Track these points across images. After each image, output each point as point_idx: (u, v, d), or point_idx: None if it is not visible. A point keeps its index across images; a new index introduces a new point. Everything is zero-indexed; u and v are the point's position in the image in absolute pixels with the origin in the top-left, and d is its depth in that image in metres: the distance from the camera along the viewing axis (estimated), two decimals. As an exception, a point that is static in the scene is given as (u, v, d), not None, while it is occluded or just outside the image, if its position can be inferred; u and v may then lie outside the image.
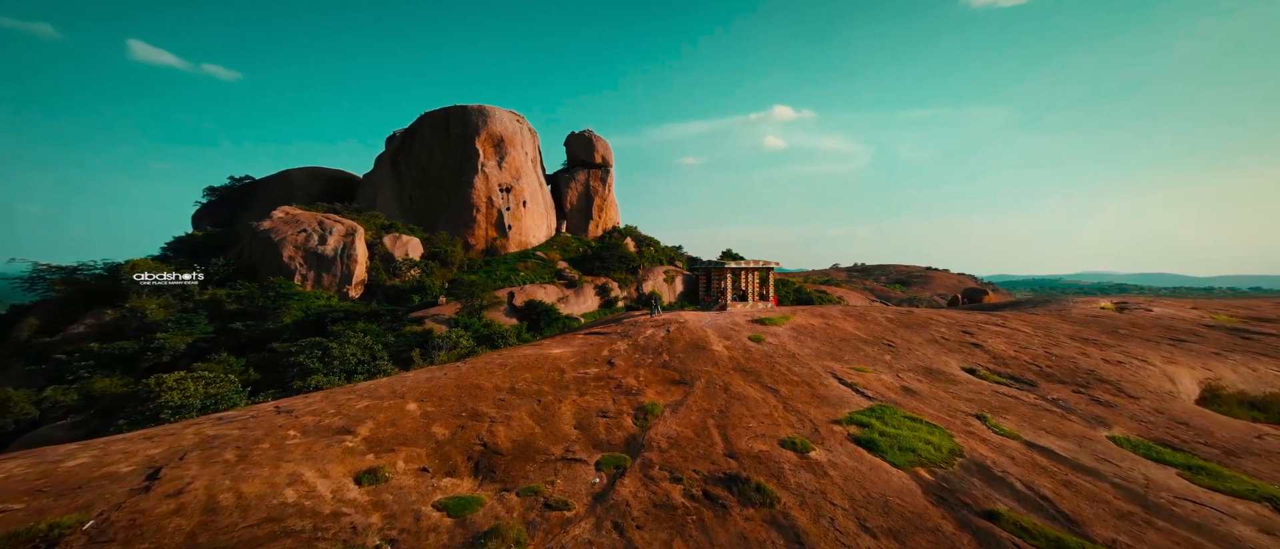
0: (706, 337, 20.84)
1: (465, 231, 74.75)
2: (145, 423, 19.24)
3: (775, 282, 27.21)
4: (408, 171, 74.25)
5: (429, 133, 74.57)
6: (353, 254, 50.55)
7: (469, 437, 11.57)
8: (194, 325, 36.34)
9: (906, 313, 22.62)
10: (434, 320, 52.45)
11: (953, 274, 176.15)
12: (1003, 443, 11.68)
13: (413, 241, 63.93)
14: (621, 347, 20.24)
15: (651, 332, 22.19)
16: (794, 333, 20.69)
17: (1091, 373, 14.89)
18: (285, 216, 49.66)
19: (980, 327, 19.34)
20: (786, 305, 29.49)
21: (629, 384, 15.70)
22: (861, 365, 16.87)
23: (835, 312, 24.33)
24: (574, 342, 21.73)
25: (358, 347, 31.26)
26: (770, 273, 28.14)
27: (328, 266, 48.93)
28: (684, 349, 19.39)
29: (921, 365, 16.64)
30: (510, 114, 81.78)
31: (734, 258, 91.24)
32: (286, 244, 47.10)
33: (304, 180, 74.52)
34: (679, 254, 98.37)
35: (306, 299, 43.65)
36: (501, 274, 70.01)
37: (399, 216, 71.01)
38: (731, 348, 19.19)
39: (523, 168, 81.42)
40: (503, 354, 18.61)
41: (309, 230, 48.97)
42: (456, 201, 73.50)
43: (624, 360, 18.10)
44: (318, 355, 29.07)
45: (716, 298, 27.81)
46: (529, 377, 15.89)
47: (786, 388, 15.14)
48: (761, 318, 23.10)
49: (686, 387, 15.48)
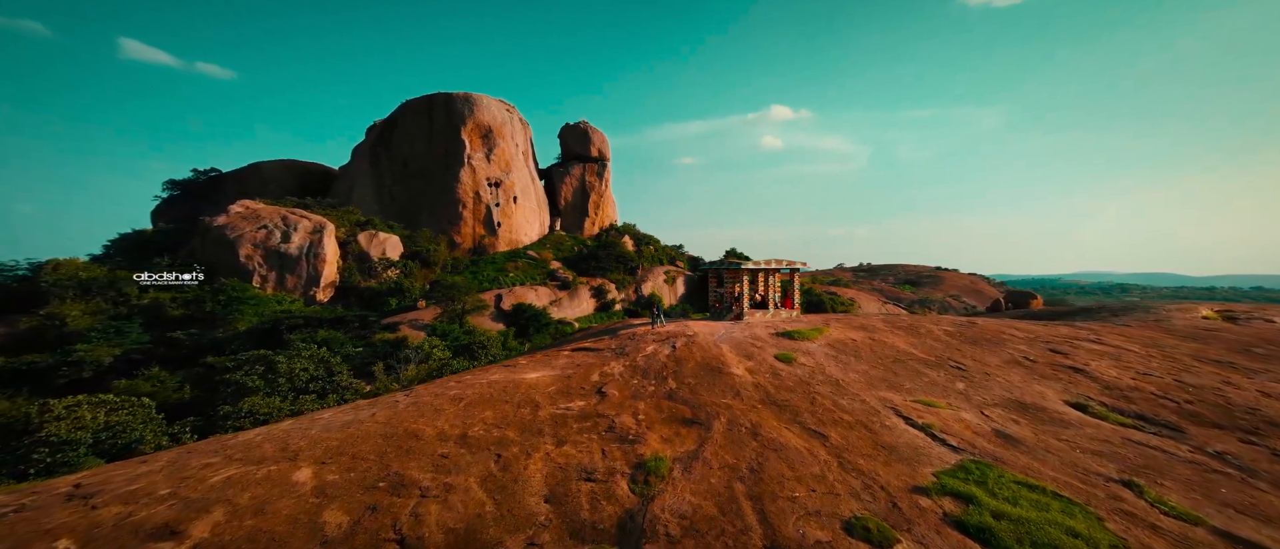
0: (722, 355, 17.11)
1: (450, 229, 70.99)
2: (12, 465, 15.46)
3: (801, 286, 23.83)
4: (388, 164, 70.40)
5: (411, 122, 70.76)
6: (320, 253, 46.75)
7: (379, 527, 7.80)
8: (124, 335, 32.50)
9: (968, 325, 18.97)
10: (412, 326, 48.69)
11: (963, 274, 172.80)
12: (1184, 532, 7.95)
13: (391, 240, 60.14)
14: (616, 368, 16.50)
15: (653, 348, 18.45)
16: (832, 350, 16.98)
17: (1255, 412, 11.22)
18: (244, 211, 45.85)
19: (1072, 344, 15.72)
20: (811, 314, 25.71)
21: (624, 425, 11.97)
22: (930, 398, 13.15)
23: (877, 322, 20.62)
24: (557, 361, 17.98)
25: (311, 360, 27.46)
26: (795, 275, 24.43)
27: (291, 267, 45.12)
28: (695, 372, 15.66)
29: (1010, 398, 12.92)
30: (499, 103, 78.00)
31: (737, 256, 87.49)
32: (244, 242, 43.24)
33: (277, 173, 70.68)
34: (680, 254, 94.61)
35: (264, 303, 39.85)
36: (489, 275, 66.26)
37: (378, 212, 67.19)
38: (756, 371, 15.47)
39: (513, 161, 77.68)
40: (462, 382, 14.86)
41: (270, 226, 45.15)
42: (441, 196, 69.73)
43: (619, 389, 14.37)
44: (259, 372, 25.28)
45: (729, 305, 24.10)
46: (490, 416, 12.14)
47: (838, 432, 11.41)
48: (787, 331, 19.38)
49: (701, 429, 11.75)
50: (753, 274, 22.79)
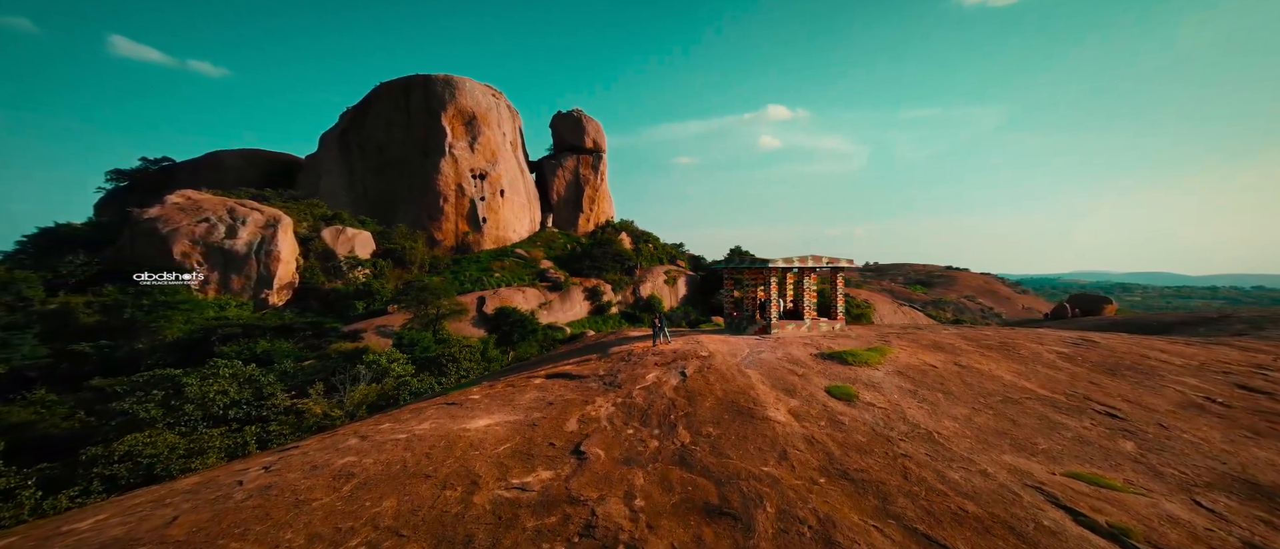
0: (752, 389, 12.59)
1: (430, 225, 66.38)
2: None
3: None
4: (360, 153, 65.63)
5: (386, 106, 66.03)
6: (274, 250, 42.05)
7: None
8: (12, 347, 27.80)
9: (1082, 342, 14.47)
10: (379, 333, 44.06)
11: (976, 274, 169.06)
12: None
13: (362, 236, 55.44)
14: (603, 408, 11.97)
15: (655, 376, 13.91)
16: (907, 383, 12.47)
17: None
18: (183, 202, 41.11)
19: (1265, 375, 11.32)
20: (858, 327, 21.01)
21: (611, 522, 7.51)
22: (1090, 470, 8.61)
23: (955, 339, 16.09)
24: (524, 395, 13.42)
25: (233, 380, 22.84)
26: (838, 275, 19.72)
27: (238, 266, 40.44)
28: (716, 416, 11.16)
29: (1224, 471, 8.41)
30: (485, 87, 73.36)
31: (743, 254, 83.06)
32: (179, 237, 38.49)
33: (238, 163, 65.91)
34: (680, 253, 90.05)
35: (199, 309, 35.17)
36: (471, 275, 61.66)
37: (348, 206, 62.46)
38: (804, 416, 10.95)
39: (500, 151, 73.08)
40: (368, 439, 10.23)
41: (213, 220, 40.42)
42: (419, 189, 65.09)
43: (606, 446, 9.85)
44: (158, 398, 20.65)
45: (751, 314, 19.57)
46: (389, 510, 7.57)
47: (965, 541, 6.90)
48: (835, 351, 14.85)
49: (736, 527, 7.31)
50: (780, 275, 18.34)
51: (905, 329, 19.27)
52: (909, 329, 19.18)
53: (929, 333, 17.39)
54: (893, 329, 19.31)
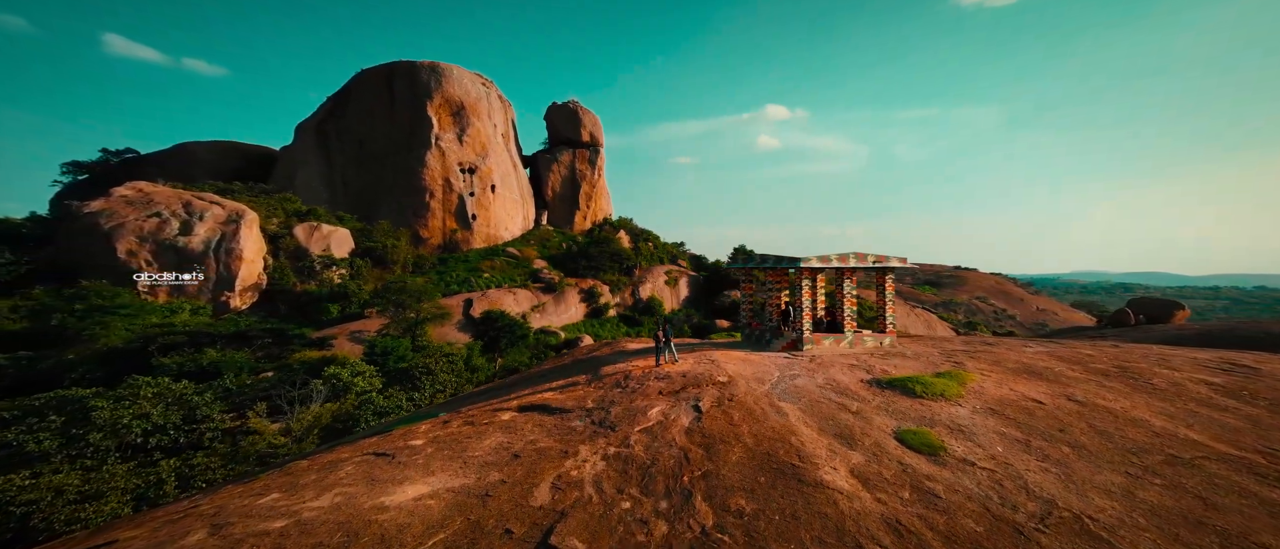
0: (793, 433, 9.31)
1: (416, 222, 63.06)
2: None
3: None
4: (340, 144, 62.18)
5: (368, 95, 62.62)
6: (235, 249, 38.67)
7: None
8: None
9: (1232, 367, 11.22)
10: (353, 340, 40.74)
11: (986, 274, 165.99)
12: None
13: (339, 233, 52.07)
14: (588, 466, 8.69)
15: (661, 411, 10.62)
16: (1007, 426, 9.21)
17: None
18: (132, 195, 37.69)
19: None
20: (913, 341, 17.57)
21: None
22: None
23: (1046, 358, 12.79)
24: (480, 444, 10.11)
25: (157, 401, 19.51)
26: (888, 278, 16.31)
27: (193, 266, 37.06)
28: (746, 477, 7.90)
29: None
30: (474, 76, 70.01)
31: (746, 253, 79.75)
32: (124, 233, 35.05)
33: (209, 156, 62.46)
34: (681, 252, 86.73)
35: (144, 314, 31.77)
36: (459, 276, 58.36)
37: (326, 201, 59.07)
38: (876, 480, 7.68)
39: (490, 143, 69.75)
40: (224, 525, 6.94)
41: (166, 215, 37.01)
42: (403, 183, 61.74)
43: (588, 538, 6.57)
44: (56, 426, 17.30)
45: (775, 325, 16.28)
46: None
47: None
48: (894, 378, 11.57)
49: None
50: (812, 277, 15.06)
51: (970, 344, 15.91)
52: (984, 344, 15.68)
53: (1008, 350, 14.07)
54: (957, 344, 15.92)
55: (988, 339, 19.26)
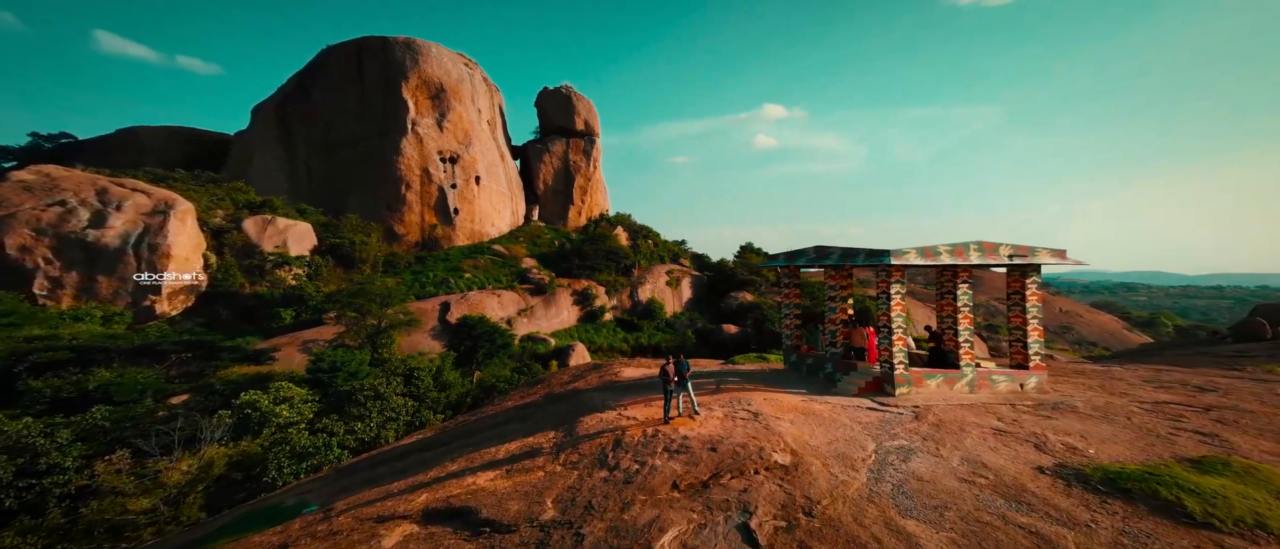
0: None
1: (390, 216, 57.52)
2: None
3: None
4: (304, 129, 56.42)
5: (336, 74, 56.93)
6: (161, 245, 33.09)
7: None
8: None
9: None
10: (304, 351, 35.19)
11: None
12: None
13: (299, 228, 46.47)
14: None
15: (678, 540, 5.29)
16: None
17: None
18: (33, 179, 32.05)
19: None
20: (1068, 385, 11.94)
21: None
22: None
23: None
24: None
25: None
26: (1029, 284, 10.93)
27: (107, 265, 31.48)
28: None
29: None
30: (455, 55, 64.47)
31: (757, 252, 74.34)
32: (16, 224, 29.37)
33: (156, 142, 56.67)
34: (683, 251, 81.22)
35: (30, 323, 26.17)
36: (436, 276, 52.87)
37: (287, 192, 53.40)
38: None
39: (474, 131, 64.23)
40: None
41: (72, 203, 31.38)
42: (376, 173, 56.19)
43: None
44: None
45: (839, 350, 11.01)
46: None
47: None
48: (1108, 470, 6.22)
49: None
50: (902, 277, 9.79)
51: (1185, 386, 10.38)
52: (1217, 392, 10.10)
53: (1234, 396, 8.81)
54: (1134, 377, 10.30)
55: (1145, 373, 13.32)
